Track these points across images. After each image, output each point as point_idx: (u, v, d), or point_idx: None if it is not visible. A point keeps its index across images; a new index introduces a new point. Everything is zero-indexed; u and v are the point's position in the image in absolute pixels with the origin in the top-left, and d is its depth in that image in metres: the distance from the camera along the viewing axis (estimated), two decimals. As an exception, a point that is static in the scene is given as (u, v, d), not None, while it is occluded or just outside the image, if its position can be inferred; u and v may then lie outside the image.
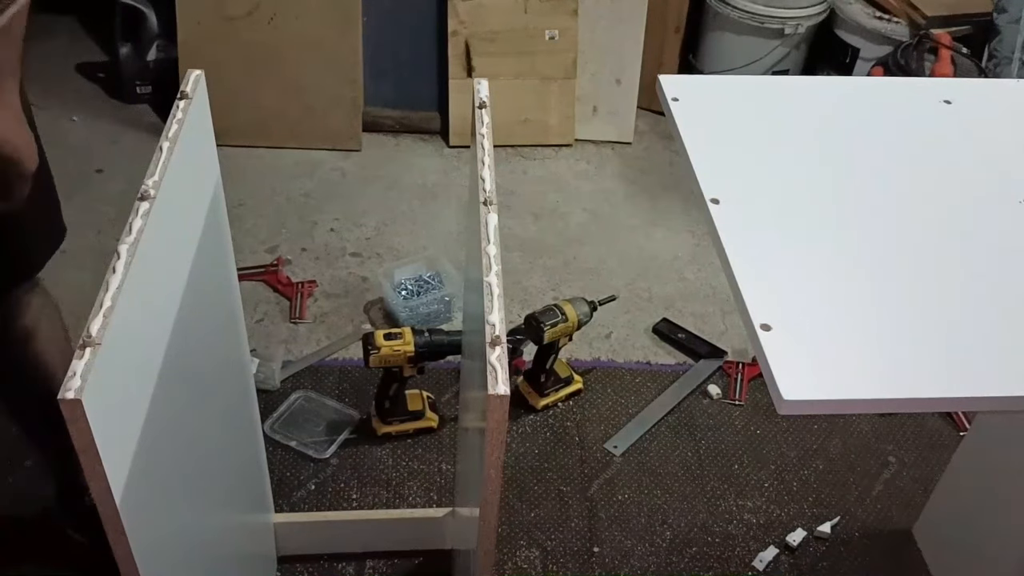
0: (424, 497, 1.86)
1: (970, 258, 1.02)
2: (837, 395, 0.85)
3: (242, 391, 1.43)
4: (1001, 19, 2.68)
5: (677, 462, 1.98)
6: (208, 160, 1.15)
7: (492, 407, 0.83)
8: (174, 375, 0.98)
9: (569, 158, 2.83)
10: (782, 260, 0.99)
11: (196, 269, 1.06)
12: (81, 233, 2.40)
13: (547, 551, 1.79)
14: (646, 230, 2.59)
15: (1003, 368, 0.88)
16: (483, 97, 1.14)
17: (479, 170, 1.05)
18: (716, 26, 2.90)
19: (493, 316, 0.88)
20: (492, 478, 0.90)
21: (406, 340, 1.84)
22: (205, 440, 1.15)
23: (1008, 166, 1.17)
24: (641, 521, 1.86)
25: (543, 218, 2.58)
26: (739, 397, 2.12)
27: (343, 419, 1.99)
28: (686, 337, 2.25)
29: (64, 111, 2.82)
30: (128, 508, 0.81)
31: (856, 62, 2.83)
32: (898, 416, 2.08)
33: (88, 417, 0.72)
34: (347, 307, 2.27)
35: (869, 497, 1.94)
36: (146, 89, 2.87)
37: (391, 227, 2.52)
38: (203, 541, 1.16)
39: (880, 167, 1.15)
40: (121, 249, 0.84)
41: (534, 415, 2.05)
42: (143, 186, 0.91)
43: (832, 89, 1.36)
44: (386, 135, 2.85)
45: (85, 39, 3.12)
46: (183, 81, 1.07)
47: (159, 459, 0.95)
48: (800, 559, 1.82)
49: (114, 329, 0.77)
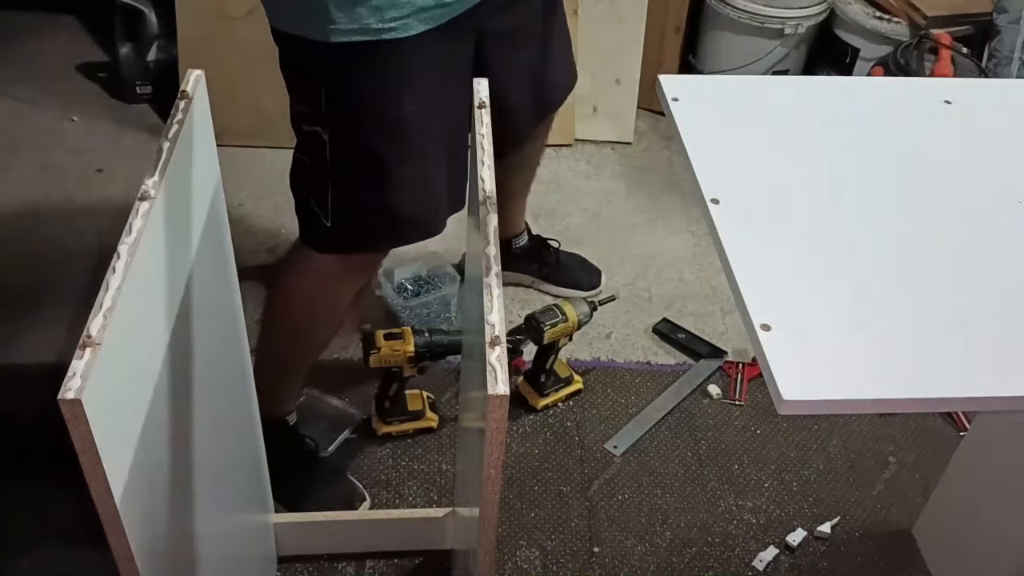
0: (424, 497, 1.86)
1: (970, 258, 1.02)
2: (837, 395, 0.85)
3: (242, 391, 1.43)
4: (1001, 19, 2.68)
5: (677, 462, 1.98)
6: (208, 160, 1.14)
7: (492, 407, 0.83)
8: (174, 375, 0.98)
9: (569, 158, 2.83)
10: (782, 260, 0.99)
11: (196, 269, 1.06)
12: (81, 233, 2.41)
13: (547, 551, 1.79)
14: (646, 230, 2.59)
15: (1003, 368, 0.88)
16: (483, 97, 1.14)
17: (479, 170, 1.05)
18: (716, 26, 2.90)
19: (493, 316, 0.88)
20: (492, 478, 0.90)
21: (406, 340, 1.84)
22: (205, 440, 1.15)
23: (1008, 166, 1.17)
24: (641, 521, 1.86)
25: (543, 218, 2.58)
26: (739, 397, 2.12)
27: (344, 418, 1.99)
28: (686, 337, 2.25)
29: (64, 111, 2.82)
30: (128, 508, 0.81)
31: (856, 62, 2.83)
32: (898, 416, 2.08)
33: (88, 417, 0.72)
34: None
35: (869, 497, 1.94)
36: (146, 89, 2.87)
37: (391, 227, 2.52)
38: (203, 541, 1.16)
39: (880, 167, 1.15)
40: (121, 249, 0.83)
41: (534, 415, 2.05)
42: (143, 186, 0.91)
43: (832, 89, 1.35)
44: (386, 135, 2.84)
45: (85, 39, 3.12)
46: (183, 81, 1.06)
47: (159, 459, 0.95)
48: (800, 559, 1.82)
49: (114, 329, 0.77)
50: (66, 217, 2.46)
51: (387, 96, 1.39)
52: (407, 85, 1.39)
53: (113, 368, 0.77)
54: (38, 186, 2.55)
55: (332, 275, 1.58)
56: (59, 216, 2.46)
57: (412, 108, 1.41)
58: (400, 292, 2.24)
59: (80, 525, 1.66)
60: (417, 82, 1.40)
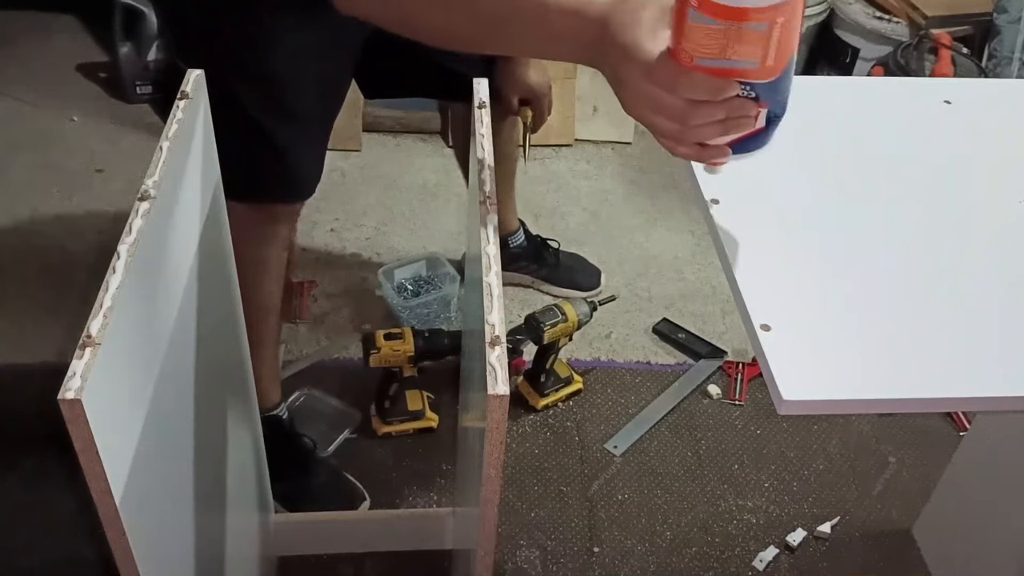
0: (424, 497, 1.87)
1: (970, 258, 1.02)
2: (837, 395, 0.85)
3: (242, 391, 1.43)
4: (1001, 19, 2.68)
5: (677, 462, 1.98)
6: (208, 160, 1.15)
7: (492, 407, 0.83)
8: (174, 375, 0.98)
9: (569, 158, 2.83)
10: (782, 260, 0.99)
11: (196, 269, 1.06)
12: (81, 233, 2.41)
13: (547, 551, 1.79)
14: (646, 230, 2.59)
15: (1003, 368, 0.88)
16: (483, 97, 1.14)
17: (479, 170, 1.05)
18: (716, 26, 2.89)
19: (493, 316, 0.88)
20: (492, 478, 0.90)
21: (406, 340, 1.84)
22: (205, 440, 1.15)
23: (1008, 166, 1.17)
24: (641, 521, 1.86)
25: (543, 218, 2.58)
26: (739, 397, 2.12)
27: (344, 418, 1.99)
28: (686, 337, 2.25)
29: (64, 111, 2.82)
30: (128, 508, 0.81)
31: (856, 62, 2.83)
32: (898, 416, 2.08)
33: (88, 417, 0.72)
34: (347, 307, 2.27)
35: (869, 497, 1.94)
36: (146, 89, 2.87)
37: (391, 227, 2.52)
38: (203, 541, 1.16)
39: (880, 167, 1.15)
40: (121, 249, 0.83)
41: (534, 415, 2.05)
42: (143, 186, 0.91)
43: (832, 89, 1.35)
44: (386, 135, 2.85)
45: (85, 39, 3.12)
46: (183, 81, 1.07)
47: (159, 459, 0.95)
48: (800, 559, 1.82)
49: (114, 329, 0.77)
50: (66, 217, 2.46)
51: (254, 49, 1.37)
52: (277, 41, 1.37)
53: (113, 368, 0.77)
54: (38, 186, 2.55)
55: (241, 223, 1.55)
56: (59, 216, 2.46)
57: (280, 66, 1.39)
58: (400, 292, 2.24)
59: (80, 524, 1.67)
60: (289, 40, 1.38)
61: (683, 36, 0.80)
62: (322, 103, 1.51)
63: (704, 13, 0.77)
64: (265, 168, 1.50)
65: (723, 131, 0.85)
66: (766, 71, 0.81)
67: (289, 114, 1.46)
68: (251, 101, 1.42)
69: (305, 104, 1.47)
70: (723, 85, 0.81)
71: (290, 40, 1.38)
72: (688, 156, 0.88)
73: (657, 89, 0.83)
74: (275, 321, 1.72)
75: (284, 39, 1.38)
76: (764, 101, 0.84)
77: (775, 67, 0.81)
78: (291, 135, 1.48)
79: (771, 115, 0.87)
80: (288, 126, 1.46)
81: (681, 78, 0.81)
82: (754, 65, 0.80)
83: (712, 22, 0.77)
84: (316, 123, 1.53)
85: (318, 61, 1.43)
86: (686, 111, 0.83)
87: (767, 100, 0.84)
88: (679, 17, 0.80)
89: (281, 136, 1.47)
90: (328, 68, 1.47)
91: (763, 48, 0.79)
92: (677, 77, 0.81)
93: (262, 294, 1.64)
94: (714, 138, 0.86)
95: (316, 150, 1.56)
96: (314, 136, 1.54)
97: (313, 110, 1.50)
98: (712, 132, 0.85)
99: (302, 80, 1.44)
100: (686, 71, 0.81)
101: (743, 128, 0.86)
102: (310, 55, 1.42)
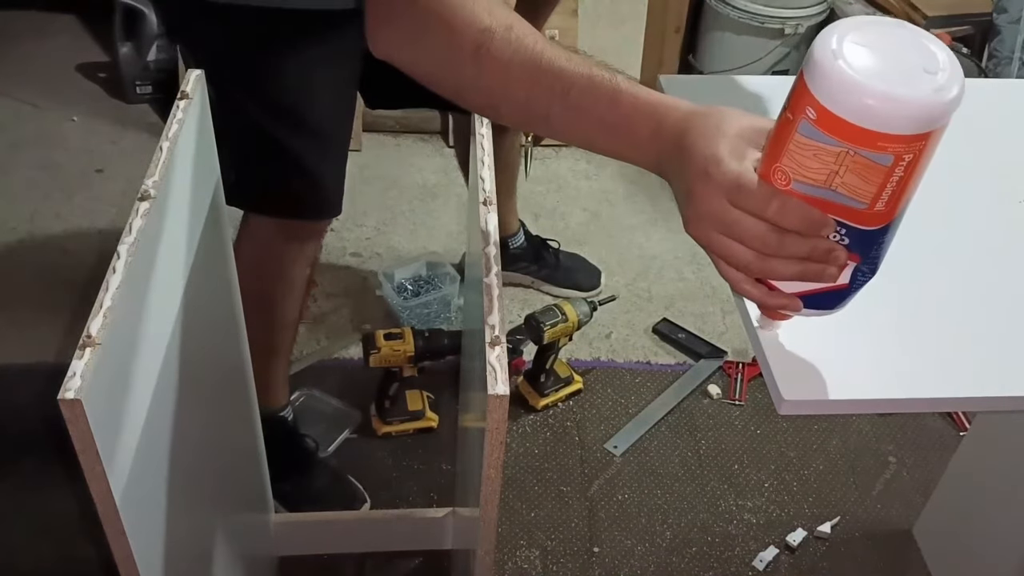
0: (424, 497, 1.86)
1: (970, 258, 1.02)
2: (837, 395, 0.85)
3: (242, 391, 1.43)
4: (1001, 19, 2.68)
5: (677, 462, 1.98)
6: (208, 160, 1.15)
7: (492, 407, 0.83)
8: (174, 375, 0.98)
9: (569, 158, 2.83)
10: (782, 260, 0.99)
11: (196, 269, 1.06)
12: (81, 233, 2.41)
13: (547, 551, 1.79)
14: (646, 230, 2.59)
15: (1003, 368, 0.88)
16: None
17: (479, 170, 1.05)
18: (716, 26, 2.90)
19: (493, 316, 0.88)
20: (492, 478, 0.90)
21: (406, 340, 1.84)
22: (205, 440, 1.15)
23: (1008, 166, 1.17)
24: (641, 521, 1.86)
25: (543, 218, 2.58)
26: (739, 397, 2.12)
27: (344, 418, 1.99)
28: (686, 337, 2.25)
29: (64, 111, 2.82)
30: (128, 508, 0.81)
31: (856, 62, 2.82)
32: (898, 416, 2.08)
33: (88, 417, 0.72)
34: (347, 307, 2.27)
35: (869, 497, 1.94)
36: (146, 89, 2.87)
37: (391, 227, 2.52)
38: (203, 541, 1.16)
39: (880, 167, 1.15)
40: (121, 249, 0.83)
41: (534, 415, 2.05)
42: (143, 186, 0.91)
43: (832, 89, 1.35)
44: (386, 135, 2.84)
45: (85, 39, 3.12)
46: (183, 81, 1.07)
47: (159, 459, 0.95)
48: (800, 559, 1.82)
49: (114, 329, 0.77)
50: (66, 217, 2.47)
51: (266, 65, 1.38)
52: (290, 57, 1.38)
53: (113, 368, 0.77)
54: (38, 186, 2.55)
55: (271, 240, 1.56)
56: (59, 216, 2.46)
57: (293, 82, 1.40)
58: (400, 292, 2.24)
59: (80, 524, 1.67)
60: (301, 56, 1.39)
61: (785, 153, 0.68)
62: (338, 119, 1.53)
63: (820, 128, 0.65)
64: (295, 187, 1.51)
65: (799, 274, 0.73)
66: (871, 216, 0.69)
67: (311, 133, 1.47)
68: (274, 126, 1.43)
69: (324, 121, 1.49)
70: (821, 218, 0.70)
71: (303, 59, 1.39)
72: (752, 296, 0.77)
73: (737, 210, 0.71)
74: (293, 334, 1.74)
75: (296, 58, 1.38)
76: (855, 253, 0.72)
77: (883, 215, 0.69)
78: (316, 153, 1.50)
79: (858, 272, 0.74)
80: (311, 144, 1.48)
81: (774, 199, 0.70)
82: (861, 205, 0.68)
83: (827, 140, 0.65)
84: (336, 138, 1.54)
85: (332, 78, 1.45)
86: (767, 238, 0.71)
87: (859, 252, 0.72)
88: (784, 130, 0.68)
89: (309, 157, 1.49)
90: (340, 84, 1.48)
91: (878, 187, 0.66)
92: (770, 197, 0.70)
93: (286, 310, 1.67)
94: (786, 279, 0.74)
95: (339, 166, 1.57)
96: (336, 152, 1.55)
97: (330, 126, 1.51)
98: (787, 271, 0.73)
99: (319, 98, 1.45)
100: (779, 193, 0.70)
101: (824, 278, 0.73)
102: (324, 73, 1.43)
